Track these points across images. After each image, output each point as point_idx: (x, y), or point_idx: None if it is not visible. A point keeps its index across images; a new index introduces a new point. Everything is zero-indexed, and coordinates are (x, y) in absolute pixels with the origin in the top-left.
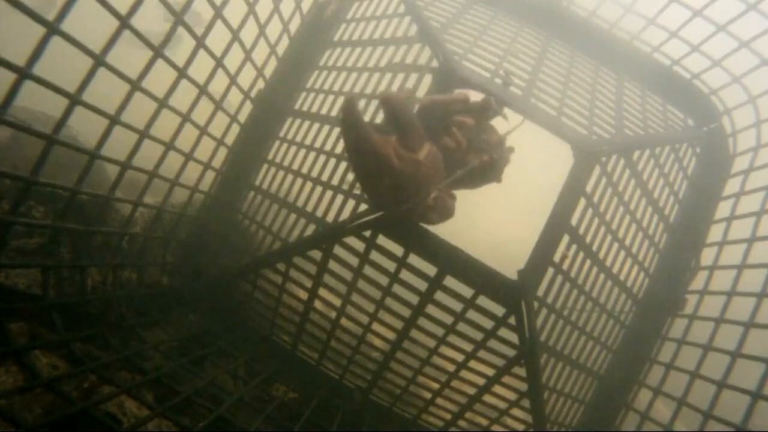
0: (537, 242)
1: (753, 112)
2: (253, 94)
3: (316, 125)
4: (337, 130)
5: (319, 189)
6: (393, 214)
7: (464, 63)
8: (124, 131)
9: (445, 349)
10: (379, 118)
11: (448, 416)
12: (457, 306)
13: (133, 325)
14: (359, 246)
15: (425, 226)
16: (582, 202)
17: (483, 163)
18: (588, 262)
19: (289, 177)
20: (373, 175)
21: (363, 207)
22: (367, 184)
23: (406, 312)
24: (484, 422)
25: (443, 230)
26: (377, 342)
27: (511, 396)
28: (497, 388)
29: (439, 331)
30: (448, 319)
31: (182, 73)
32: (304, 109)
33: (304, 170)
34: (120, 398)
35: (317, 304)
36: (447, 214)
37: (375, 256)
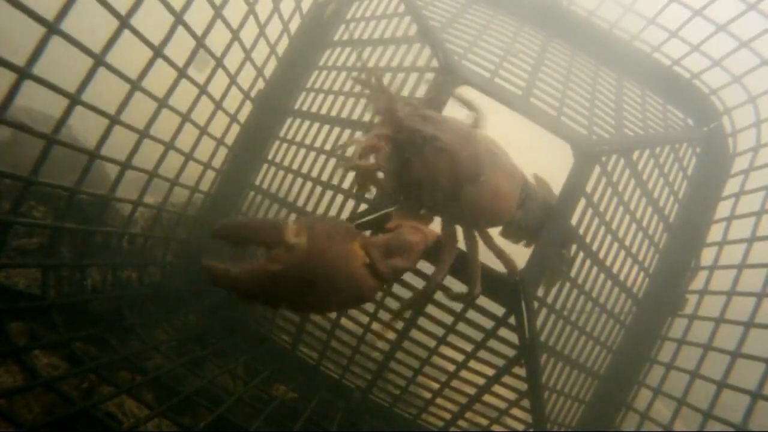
0: (537, 242)
1: (753, 112)
2: (253, 93)
3: (316, 125)
4: (337, 130)
5: (319, 189)
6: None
7: (464, 62)
8: (125, 131)
9: (444, 349)
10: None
11: (448, 416)
12: (457, 306)
13: (133, 325)
14: None
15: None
16: (582, 202)
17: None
18: (588, 262)
19: (289, 177)
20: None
21: (363, 207)
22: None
23: (405, 312)
24: (484, 422)
25: None
26: (377, 342)
27: (511, 396)
28: (497, 388)
29: (439, 331)
30: (448, 319)
31: (182, 72)
32: (304, 108)
33: (304, 170)
34: (120, 398)
35: None
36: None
37: None
